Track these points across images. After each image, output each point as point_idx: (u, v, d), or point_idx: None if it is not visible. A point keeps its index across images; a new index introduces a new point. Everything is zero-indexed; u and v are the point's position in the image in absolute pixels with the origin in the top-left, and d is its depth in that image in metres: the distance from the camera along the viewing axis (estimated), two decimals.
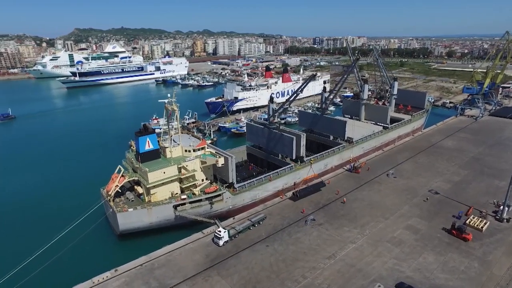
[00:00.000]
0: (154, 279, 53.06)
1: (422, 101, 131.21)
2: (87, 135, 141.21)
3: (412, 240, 61.03)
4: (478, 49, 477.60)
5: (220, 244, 60.31)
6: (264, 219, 68.45)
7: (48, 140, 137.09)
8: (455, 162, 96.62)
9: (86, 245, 61.82)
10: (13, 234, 70.11)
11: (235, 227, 64.39)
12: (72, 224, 60.00)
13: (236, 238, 62.86)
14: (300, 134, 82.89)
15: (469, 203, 72.94)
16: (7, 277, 50.66)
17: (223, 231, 61.05)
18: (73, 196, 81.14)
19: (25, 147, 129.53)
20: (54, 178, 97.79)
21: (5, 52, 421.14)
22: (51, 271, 54.72)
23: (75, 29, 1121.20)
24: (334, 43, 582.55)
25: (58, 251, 56.49)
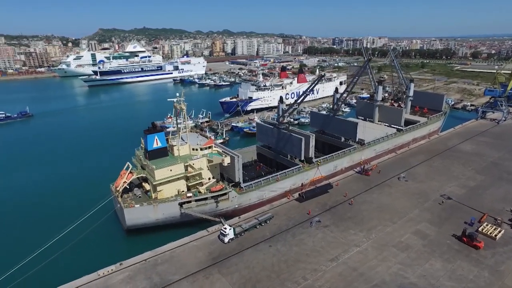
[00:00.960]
0: (157, 275, 54.09)
1: (439, 104, 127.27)
2: (102, 133, 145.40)
3: (419, 246, 59.36)
4: (506, 49, 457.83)
5: (225, 241, 61.01)
6: (271, 218, 68.54)
7: (64, 137, 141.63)
8: (472, 167, 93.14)
9: (95, 238, 63.92)
10: (29, 225, 73.30)
11: (241, 225, 65.09)
12: (82, 218, 62.10)
13: (242, 236, 63.27)
14: (309, 135, 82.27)
15: (484, 210, 70.18)
16: (19, 266, 52.92)
17: (229, 229, 61.90)
18: (85, 191, 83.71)
19: (41, 144, 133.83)
20: (67, 173, 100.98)
21: (34, 52, 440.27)
22: (61, 261, 57.09)
23: (99, 29, 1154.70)
24: (354, 43, 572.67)
25: (68, 242, 58.71)
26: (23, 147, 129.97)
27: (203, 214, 66.49)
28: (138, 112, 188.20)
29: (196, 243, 62.22)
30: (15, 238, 68.33)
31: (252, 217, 69.74)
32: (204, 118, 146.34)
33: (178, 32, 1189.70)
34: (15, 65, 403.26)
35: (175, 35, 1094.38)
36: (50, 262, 55.40)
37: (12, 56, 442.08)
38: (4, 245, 65.77)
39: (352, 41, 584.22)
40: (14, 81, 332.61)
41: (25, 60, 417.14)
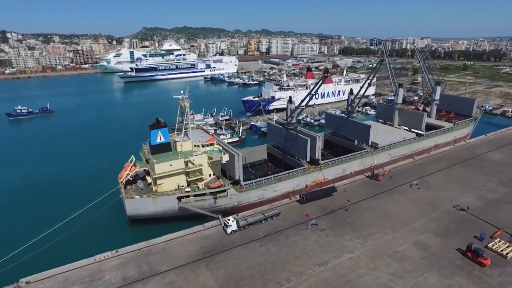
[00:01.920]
0: (147, 264, 56.32)
1: (469, 108, 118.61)
2: (124, 127, 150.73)
3: (417, 257, 56.25)
4: None
5: (228, 232, 63.29)
6: (278, 215, 69.06)
7: (86, 131, 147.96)
8: (497, 178, 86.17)
9: (99, 225, 67.63)
10: (41, 208, 78.89)
11: (246, 219, 66.57)
12: (89, 204, 66.39)
13: (246, 229, 64.70)
14: (315, 136, 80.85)
15: (500, 225, 64.74)
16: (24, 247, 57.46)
17: (231, 220, 63.80)
18: (97, 180, 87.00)
19: (61, 137, 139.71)
20: (83, 165, 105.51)
21: (81, 50, 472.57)
22: (65, 243, 60.90)
23: (143, 28, 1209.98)
24: (393, 44, 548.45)
25: (74, 226, 62.94)
26: (43, 141, 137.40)
27: (201, 209, 67.88)
28: (164, 108, 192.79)
29: (191, 237, 63.87)
30: (26, 221, 73.42)
31: (259, 212, 70.61)
32: (225, 116, 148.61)
33: (217, 31, 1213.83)
34: (64, 61, 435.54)
35: (213, 34, 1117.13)
36: (56, 243, 59.54)
37: (62, 54, 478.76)
38: (15, 225, 71.76)
39: (390, 42, 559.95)
40: (61, 77, 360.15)
41: (73, 57, 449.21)
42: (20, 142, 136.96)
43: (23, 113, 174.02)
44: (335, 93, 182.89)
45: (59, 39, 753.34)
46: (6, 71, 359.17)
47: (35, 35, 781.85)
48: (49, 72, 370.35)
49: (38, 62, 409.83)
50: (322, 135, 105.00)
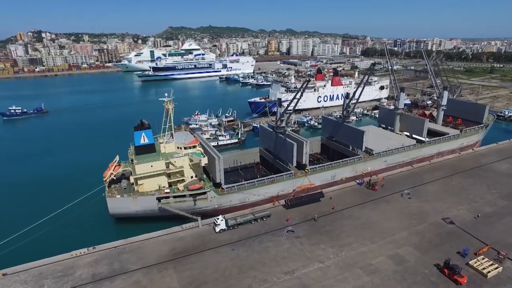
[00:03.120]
0: (118, 262, 57.64)
1: (480, 115, 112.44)
2: (119, 127, 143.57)
3: (390, 271, 54.08)
4: None
5: (217, 231, 64.30)
6: (269, 216, 69.29)
7: (77, 132, 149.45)
8: (498, 190, 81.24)
9: (83, 221, 70.35)
10: (27, 205, 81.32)
11: (236, 218, 67.30)
12: (73, 202, 69.03)
13: (235, 229, 65.51)
14: (303, 141, 79.55)
15: (489, 241, 61.08)
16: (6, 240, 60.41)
17: (220, 219, 64.85)
18: (86, 178, 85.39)
19: (52, 138, 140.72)
20: (72, 164, 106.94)
21: (105, 49, 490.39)
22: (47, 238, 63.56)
23: (169, 27, 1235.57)
24: (417, 45, 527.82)
25: (57, 222, 65.66)
26: (34, 140, 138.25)
27: (180, 210, 68.64)
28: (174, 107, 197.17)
29: (166, 237, 64.67)
30: (12, 216, 75.99)
31: (250, 212, 70.93)
32: (229, 117, 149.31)
33: (241, 30, 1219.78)
34: (90, 60, 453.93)
35: (237, 33, 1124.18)
36: (38, 237, 62.37)
37: (89, 53, 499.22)
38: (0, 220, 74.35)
39: (415, 43, 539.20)
40: (85, 75, 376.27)
41: (98, 56, 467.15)
42: (11, 141, 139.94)
43: (17, 113, 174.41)
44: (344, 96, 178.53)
45: (88, 38, 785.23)
46: (36, 69, 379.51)
47: (68, 34, 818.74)
48: (74, 70, 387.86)
49: (66, 61, 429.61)
50: (319, 139, 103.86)
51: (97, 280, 53.39)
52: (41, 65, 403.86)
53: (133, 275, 54.61)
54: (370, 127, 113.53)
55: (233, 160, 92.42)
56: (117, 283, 52.96)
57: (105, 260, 58.26)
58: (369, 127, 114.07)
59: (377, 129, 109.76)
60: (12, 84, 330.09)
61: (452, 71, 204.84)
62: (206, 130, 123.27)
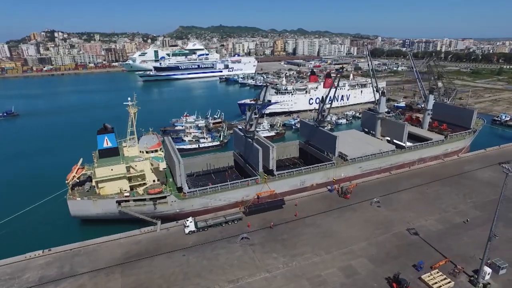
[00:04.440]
0: (69, 265, 57.76)
1: (468, 120, 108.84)
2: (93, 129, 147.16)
3: (337, 284, 52.51)
4: None
5: (186, 232, 64.78)
6: (240, 219, 69.32)
7: (46, 135, 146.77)
8: (474, 199, 78.30)
9: (44, 223, 70.92)
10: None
11: (206, 220, 67.61)
12: (35, 204, 69.84)
13: (205, 231, 66.01)
14: (269, 146, 78.39)
15: (450, 254, 58.84)
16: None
17: (189, 221, 65.26)
18: (51, 181, 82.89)
19: (19, 141, 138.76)
20: (37, 167, 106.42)
21: (113, 48, 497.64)
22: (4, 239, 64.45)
23: (180, 27, 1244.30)
24: (426, 46, 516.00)
25: (18, 223, 66.49)
26: (2, 143, 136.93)
27: (140, 214, 68.60)
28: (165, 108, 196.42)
29: (123, 240, 64.58)
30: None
31: (221, 215, 70.81)
32: (217, 119, 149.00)
33: (252, 30, 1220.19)
34: (97, 59, 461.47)
35: (248, 33, 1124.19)
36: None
37: (98, 52, 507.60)
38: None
39: (424, 43, 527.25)
40: (91, 74, 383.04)
41: (105, 55, 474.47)
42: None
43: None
44: (338, 98, 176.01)
45: (99, 37, 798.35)
46: (44, 68, 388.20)
47: (80, 34, 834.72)
48: (80, 69, 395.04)
49: (74, 60, 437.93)
50: (297, 143, 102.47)
51: (43, 283, 53.57)
52: (49, 65, 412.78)
53: (80, 278, 54.63)
54: (352, 132, 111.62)
55: (206, 164, 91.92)
56: (62, 286, 53.07)
57: (56, 263, 58.51)
58: (351, 132, 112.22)
59: (358, 134, 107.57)
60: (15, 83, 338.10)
61: (446, 73, 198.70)
62: (188, 132, 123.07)
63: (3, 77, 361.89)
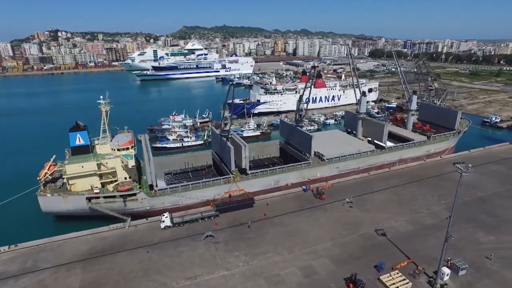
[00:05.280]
0: (33, 261, 58.11)
1: (452, 121, 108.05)
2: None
3: (294, 284, 52.24)
4: None
5: (162, 227, 65.54)
6: (217, 216, 69.87)
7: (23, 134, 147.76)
8: (448, 201, 77.63)
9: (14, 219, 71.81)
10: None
11: (183, 216, 68.54)
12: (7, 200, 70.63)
13: (182, 226, 66.78)
14: (242, 145, 78.46)
15: (414, 255, 58.42)
16: None
17: (165, 216, 65.92)
18: (24, 178, 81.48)
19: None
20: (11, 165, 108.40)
21: (114, 48, 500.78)
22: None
23: (183, 27, 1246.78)
24: (427, 47, 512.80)
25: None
26: None
27: (110, 211, 69.00)
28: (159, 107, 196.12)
29: (90, 237, 64.82)
30: None
31: (198, 211, 71.29)
32: (206, 118, 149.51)
33: (255, 30, 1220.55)
34: (98, 59, 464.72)
35: (251, 33, 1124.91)
36: None
37: (99, 52, 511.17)
38: None
39: (425, 44, 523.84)
40: (90, 73, 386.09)
41: (106, 54, 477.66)
42: None
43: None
44: (328, 98, 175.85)
45: (102, 37, 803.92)
46: (44, 67, 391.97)
47: (83, 33, 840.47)
48: (80, 69, 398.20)
49: (75, 59, 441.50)
50: (277, 143, 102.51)
51: (2, 279, 54.03)
52: (50, 64, 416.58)
53: (41, 274, 54.97)
54: (334, 132, 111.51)
55: (184, 162, 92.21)
56: (21, 281, 53.42)
57: (20, 258, 58.90)
58: (333, 132, 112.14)
59: (339, 134, 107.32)
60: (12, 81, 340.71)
61: (436, 74, 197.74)
62: (173, 131, 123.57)
63: (4, 75, 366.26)
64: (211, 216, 69.71)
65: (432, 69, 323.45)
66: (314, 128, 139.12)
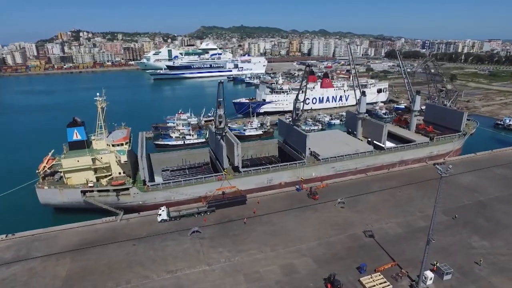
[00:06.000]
0: (27, 249, 60.61)
1: (458, 123, 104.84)
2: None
3: (272, 281, 52.20)
4: None
5: (158, 220, 67.48)
6: (213, 211, 71.27)
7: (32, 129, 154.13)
8: (444, 204, 75.05)
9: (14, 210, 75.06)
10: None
11: (180, 210, 70.39)
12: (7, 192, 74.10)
13: (178, 220, 68.59)
14: (234, 142, 78.95)
15: (400, 258, 57.28)
16: None
17: (162, 210, 68.01)
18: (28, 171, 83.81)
19: None
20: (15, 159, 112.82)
21: (131, 47, 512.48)
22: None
23: (201, 27, 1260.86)
24: (447, 47, 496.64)
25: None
26: None
27: (104, 204, 71.10)
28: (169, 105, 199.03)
29: (83, 228, 66.84)
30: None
31: (195, 207, 72.83)
32: (210, 117, 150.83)
33: (273, 30, 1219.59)
34: (116, 58, 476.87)
35: (268, 33, 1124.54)
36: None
37: (118, 51, 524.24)
38: None
39: (444, 45, 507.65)
40: (107, 72, 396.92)
41: (123, 54, 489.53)
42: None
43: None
44: (336, 99, 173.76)
45: (122, 36, 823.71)
46: (64, 66, 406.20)
47: (104, 33, 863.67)
48: (97, 67, 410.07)
49: (94, 58, 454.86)
50: (276, 142, 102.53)
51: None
52: (70, 63, 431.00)
53: (32, 262, 57.29)
54: (334, 132, 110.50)
55: (181, 160, 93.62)
56: (12, 268, 55.85)
57: (15, 247, 61.55)
58: (333, 132, 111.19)
59: (339, 134, 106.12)
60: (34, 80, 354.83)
61: (445, 74, 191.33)
62: (176, 129, 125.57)
63: (27, 74, 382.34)
64: (207, 211, 70.95)
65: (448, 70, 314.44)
66: (318, 128, 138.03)
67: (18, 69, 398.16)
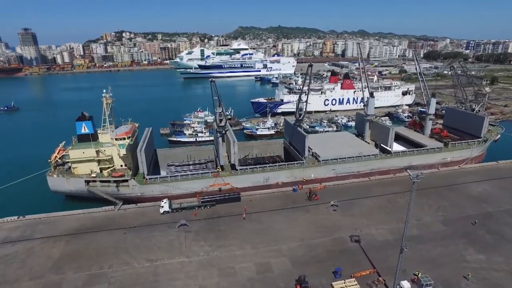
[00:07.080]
0: (31, 231, 66.52)
1: (478, 128, 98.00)
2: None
3: (244, 278, 52.91)
4: None
5: (160, 212, 70.87)
6: (214, 205, 74.05)
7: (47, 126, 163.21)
8: (446, 213, 71.44)
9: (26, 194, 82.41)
10: None
11: (181, 203, 74.22)
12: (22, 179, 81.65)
13: (179, 212, 71.99)
14: (231, 141, 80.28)
15: (383, 266, 55.44)
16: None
17: (164, 202, 71.58)
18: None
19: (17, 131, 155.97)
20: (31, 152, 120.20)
21: (168, 47, 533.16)
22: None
23: (239, 27, 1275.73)
24: (494, 47, 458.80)
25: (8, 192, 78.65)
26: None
27: (104, 194, 75.82)
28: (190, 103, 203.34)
29: (83, 215, 71.87)
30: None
31: (196, 200, 76.04)
32: (228, 116, 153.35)
33: (310, 31, 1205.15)
34: (153, 57, 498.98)
35: (305, 34, 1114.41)
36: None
37: (155, 51, 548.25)
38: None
39: (492, 45, 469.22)
40: (143, 70, 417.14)
41: (160, 53, 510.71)
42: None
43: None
44: (356, 100, 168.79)
45: (161, 36, 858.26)
46: (104, 65, 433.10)
47: (145, 33, 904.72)
48: (134, 66, 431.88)
49: (132, 58, 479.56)
50: (281, 142, 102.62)
51: (3, 243, 63.05)
52: (111, 62, 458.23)
53: (33, 242, 62.87)
54: (342, 134, 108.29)
55: (187, 156, 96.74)
56: (16, 247, 61.68)
57: (22, 228, 67.82)
58: (341, 133, 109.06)
59: (347, 136, 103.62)
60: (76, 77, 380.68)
61: (474, 77, 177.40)
62: (190, 126, 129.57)
63: (71, 72, 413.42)
64: (207, 205, 73.43)
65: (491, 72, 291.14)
66: (332, 129, 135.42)
67: (65, 67, 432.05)
